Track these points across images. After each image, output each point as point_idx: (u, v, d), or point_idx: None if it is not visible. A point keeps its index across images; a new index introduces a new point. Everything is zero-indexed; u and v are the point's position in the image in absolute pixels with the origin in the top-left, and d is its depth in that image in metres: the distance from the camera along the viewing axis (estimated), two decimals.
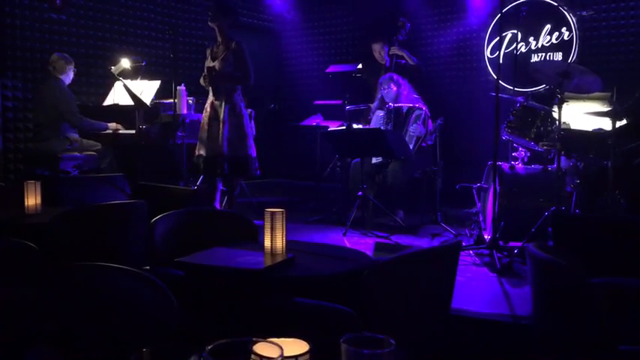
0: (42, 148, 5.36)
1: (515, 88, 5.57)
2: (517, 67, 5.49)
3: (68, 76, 5.56)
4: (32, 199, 3.22)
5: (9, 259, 2.21)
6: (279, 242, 2.29)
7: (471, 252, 4.22)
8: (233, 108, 4.90)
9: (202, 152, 4.95)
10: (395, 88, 5.49)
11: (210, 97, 5.01)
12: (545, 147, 4.29)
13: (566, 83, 4.06)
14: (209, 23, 4.98)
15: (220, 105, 4.91)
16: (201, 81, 5.00)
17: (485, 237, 4.26)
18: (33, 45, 6.07)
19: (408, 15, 6.19)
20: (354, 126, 5.64)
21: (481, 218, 4.46)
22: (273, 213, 2.29)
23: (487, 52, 7.06)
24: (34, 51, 6.06)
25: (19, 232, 2.69)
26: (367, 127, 5.66)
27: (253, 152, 4.97)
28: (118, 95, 5.97)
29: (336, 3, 8.30)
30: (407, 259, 2.13)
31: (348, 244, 4.47)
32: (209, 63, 5.01)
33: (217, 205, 5.09)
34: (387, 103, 5.52)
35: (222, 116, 4.88)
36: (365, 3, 7.86)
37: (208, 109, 4.99)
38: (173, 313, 1.62)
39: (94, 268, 1.75)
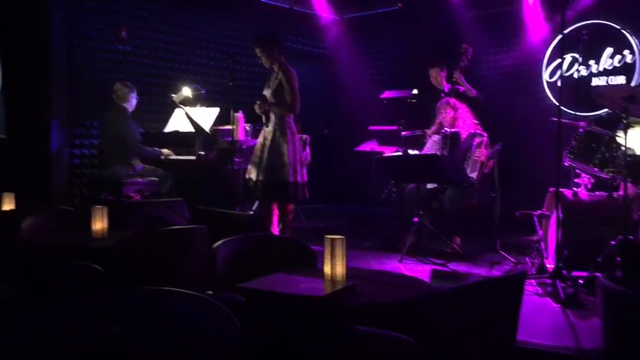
0: (106, 173, 5.55)
1: (576, 113, 5.45)
2: (577, 91, 5.36)
3: (131, 104, 5.75)
4: (99, 224, 3.32)
5: (75, 281, 2.29)
6: (340, 269, 2.26)
7: (532, 281, 4.09)
8: (281, 134, 5.00)
9: (252, 176, 5.05)
10: (452, 113, 5.36)
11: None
12: (610, 173, 4.16)
13: (632, 107, 3.92)
14: (255, 51, 5.09)
15: (270, 132, 5.03)
16: (256, 108, 5.11)
17: (547, 266, 4.13)
18: (99, 76, 6.34)
19: (468, 40, 6.08)
20: (410, 152, 5.61)
21: (543, 246, 4.33)
22: (333, 240, 2.27)
23: (545, 76, 6.94)
24: (101, 81, 6.31)
25: (85, 256, 2.77)
26: (422, 152, 5.60)
27: (298, 178, 5.00)
28: (177, 122, 6.15)
29: (390, 29, 8.35)
30: (472, 289, 2.09)
31: (404, 271, 4.42)
32: (265, 91, 5.14)
33: (275, 231, 5.13)
34: (444, 128, 5.43)
35: (268, 142, 5.00)
36: (420, 28, 7.86)
37: (261, 136, 5.14)
38: (236, 339, 1.63)
39: (161, 292, 1.79)
